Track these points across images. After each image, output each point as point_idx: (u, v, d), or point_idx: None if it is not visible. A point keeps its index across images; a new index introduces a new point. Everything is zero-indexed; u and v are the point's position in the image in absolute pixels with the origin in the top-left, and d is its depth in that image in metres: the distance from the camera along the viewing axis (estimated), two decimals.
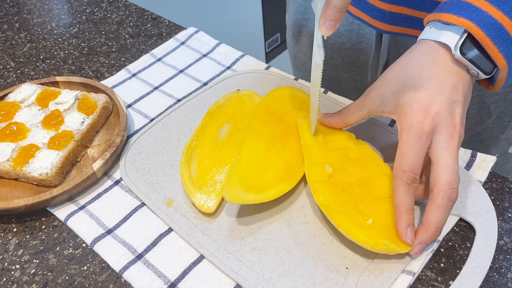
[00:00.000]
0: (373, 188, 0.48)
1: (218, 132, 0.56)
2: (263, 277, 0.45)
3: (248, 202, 0.48)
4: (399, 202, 0.44)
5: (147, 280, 0.46)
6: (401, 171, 0.44)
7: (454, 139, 0.44)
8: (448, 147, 0.43)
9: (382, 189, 0.48)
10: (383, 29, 0.64)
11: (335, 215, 0.46)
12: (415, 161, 0.44)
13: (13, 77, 0.71)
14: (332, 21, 0.42)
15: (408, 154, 0.44)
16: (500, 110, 0.65)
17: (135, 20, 0.81)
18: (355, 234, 0.44)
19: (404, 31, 0.63)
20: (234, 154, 0.53)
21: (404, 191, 0.44)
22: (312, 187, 0.48)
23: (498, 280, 0.44)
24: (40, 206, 0.52)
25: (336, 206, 0.46)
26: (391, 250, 0.44)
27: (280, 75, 0.66)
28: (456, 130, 0.44)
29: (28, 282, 0.47)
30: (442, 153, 0.43)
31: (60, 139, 0.56)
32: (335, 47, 0.73)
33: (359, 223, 0.45)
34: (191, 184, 0.51)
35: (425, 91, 0.44)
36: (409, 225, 0.43)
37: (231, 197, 0.47)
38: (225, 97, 0.61)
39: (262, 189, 0.48)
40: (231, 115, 0.58)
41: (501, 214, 0.49)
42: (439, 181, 0.43)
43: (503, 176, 0.52)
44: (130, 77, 0.69)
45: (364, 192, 0.47)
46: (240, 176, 0.49)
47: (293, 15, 0.77)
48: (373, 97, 0.48)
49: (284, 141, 0.54)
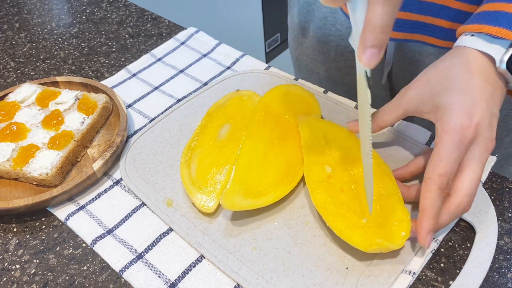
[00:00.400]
0: None
1: (218, 132, 0.56)
2: (263, 277, 0.45)
3: (246, 208, 0.48)
4: (427, 205, 0.43)
5: (147, 280, 0.46)
6: (436, 174, 0.42)
7: (488, 153, 0.43)
8: (480, 160, 0.43)
9: (380, 186, 0.48)
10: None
11: (330, 217, 0.46)
12: (451, 166, 0.42)
13: (13, 77, 0.71)
14: (374, 48, 0.34)
15: (446, 158, 0.42)
16: (504, 113, 0.64)
17: (135, 20, 0.81)
18: (349, 235, 0.44)
19: (410, 36, 0.62)
20: (234, 154, 0.53)
21: (435, 195, 0.42)
22: (310, 187, 0.48)
23: (498, 280, 0.44)
24: (40, 206, 0.52)
25: (332, 207, 0.46)
26: (386, 248, 0.44)
27: (280, 75, 0.66)
28: (491, 145, 0.43)
29: (28, 282, 0.47)
30: (472, 164, 0.43)
31: (60, 139, 0.56)
32: (338, 49, 0.72)
33: (354, 223, 0.45)
34: (191, 184, 0.51)
35: (471, 98, 0.43)
36: (431, 231, 0.42)
37: (229, 204, 0.47)
38: (225, 97, 0.61)
39: (261, 193, 0.49)
40: (231, 115, 0.58)
41: (501, 214, 0.49)
42: (461, 190, 0.43)
43: (503, 176, 0.52)
44: (130, 77, 0.69)
45: (363, 191, 0.47)
46: (238, 183, 0.49)
47: (295, 17, 0.77)
48: (410, 97, 0.47)
49: (283, 142, 0.53)
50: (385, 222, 0.45)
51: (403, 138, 0.56)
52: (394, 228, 0.44)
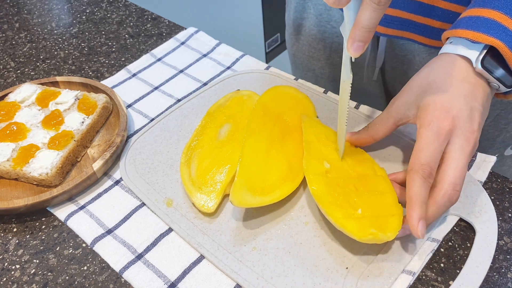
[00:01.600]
0: (366, 184, 0.49)
1: (218, 132, 0.56)
2: (263, 277, 0.45)
3: (255, 205, 0.48)
4: (413, 194, 0.44)
5: (147, 280, 0.46)
6: (419, 164, 0.44)
7: (470, 144, 0.44)
8: (462, 151, 0.44)
9: (375, 185, 0.48)
10: (380, 31, 0.64)
11: (326, 205, 0.46)
12: (432, 156, 0.44)
13: (13, 77, 0.71)
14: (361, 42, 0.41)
15: (426, 149, 0.44)
16: (496, 113, 0.65)
17: (135, 20, 0.81)
18: (344, 224, 0.44)
19: (401, 34, 0.63)
20: (234, 154, 0.53)
21: (419, 183, 0.43)
22: (308, 178, 0.49)
23: (498, 280, 0.44)
24: (40, 206, 0.52)
25: (329, 197, 0.47)
26: (379, 239, 0.44)
27: (280, 75, 0.66)
28: (473, 136, 0.45)
29: (28, 282, 0.47)
30: (455, 154, 0.44)
31: (60, 139, 0.56)
32: (334, 47, 0.73)
33: (349, 214, 0.45)
34: (191, 184, 0.51)
35: (447, 95, 0.45)
36: (421, 218, 0.43)
37: (238, 201, 0.46)
38: (225, 97, 0.61)
39: (267, 191, 0.49)
40: (231, 115, 0.58)
41: (501, 214, 0.49)
42: (444, 180, 0.43)
43: (503, 176, 0.52)
44: (130, 77, 0.69)
45: (358, 187, 0.48)
46: (244, 179, 0.49)
47: (292, 13, 0.77)
48: (397, 106, 0.49)
49: (283, 141, 0.54)
50: (379, 214, 0.45)
51: (403, 138, 0.56)
52: (387, 220, 0.45)
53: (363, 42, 0.41)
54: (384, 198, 0.47)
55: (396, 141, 0.56)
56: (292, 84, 0.64)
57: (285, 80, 0.65)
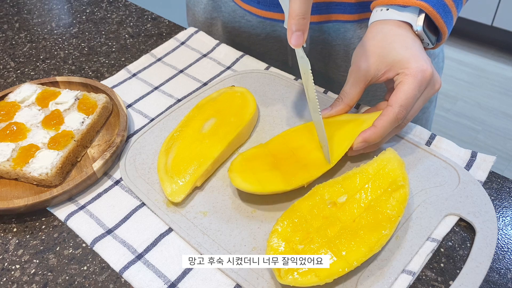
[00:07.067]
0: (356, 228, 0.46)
1: (202, 125, 0.57)
2: (263, 277, 0.45)
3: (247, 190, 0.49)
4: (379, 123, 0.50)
5: (147, 280, 0.46)
6: (398, 104, 0.49)
7: (433, 92, 0.52)
8: (424, 95, 0.51)
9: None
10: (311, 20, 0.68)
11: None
12: (411, 101, 0.49)
13: (13, 77, 0.71)
14: (298, 31, 0.43)
15: (408, 93, 0.49)
16: None
17: (135, 20, 0.81)
18: None
19: (329, 18, 0.67)
20: (213, 149, 0.54)
21: (390, 119, 0.49)
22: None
23: (498, 280, 0.44)
24: (40, 206, 0.52)
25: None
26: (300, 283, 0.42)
27: (280, 75, 0.66)
28: (438, 85, 0.52)
29: (28, 282, 0.47)
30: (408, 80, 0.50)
31: (60, 139, 0.56)
32: (251, 39, 0.75)
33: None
34: (164, 172, 0.52)
35: (415, 51, 0.51)
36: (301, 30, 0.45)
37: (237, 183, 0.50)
38: (218, 91, 0.61)
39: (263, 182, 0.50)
40: (219, 110, 0.58)
41: (501, 214, 0.49)
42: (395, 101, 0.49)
43: (503, 176, 0.52)
44: (130, 77, 0.69)
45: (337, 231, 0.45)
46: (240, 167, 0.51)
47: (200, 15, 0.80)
48: (365, 69, 0.52)
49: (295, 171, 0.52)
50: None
51: (403, 139, 0.56)
52: None
53: (300, 31, 0.43)
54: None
55: (396, 143, 0.56)
56: (291, 83, 0.64)
57: (284, 80, 0.65)
